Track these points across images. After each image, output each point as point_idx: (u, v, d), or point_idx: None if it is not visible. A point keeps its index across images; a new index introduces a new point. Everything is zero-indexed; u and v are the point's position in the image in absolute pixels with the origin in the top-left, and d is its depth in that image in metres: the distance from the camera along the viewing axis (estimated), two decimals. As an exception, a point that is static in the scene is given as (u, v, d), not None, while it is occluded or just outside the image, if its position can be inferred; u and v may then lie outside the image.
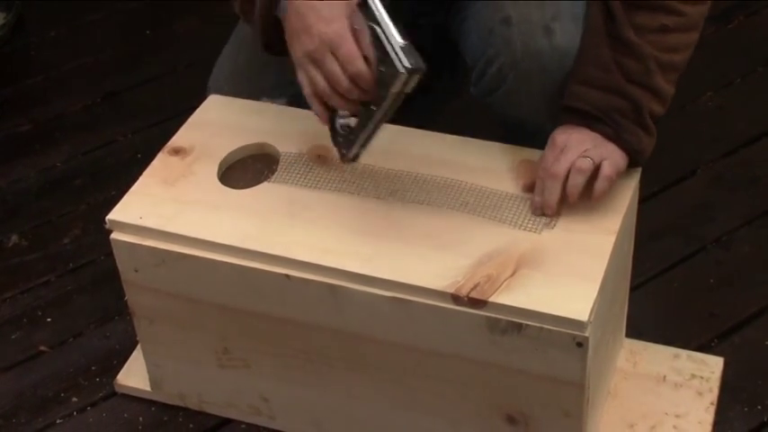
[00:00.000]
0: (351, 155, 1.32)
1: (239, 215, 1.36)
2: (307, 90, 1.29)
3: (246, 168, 1.45)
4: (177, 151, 1.45)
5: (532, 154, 1.39)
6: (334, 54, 1.23)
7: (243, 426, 1.52)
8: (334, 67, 1.24)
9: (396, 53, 1.18)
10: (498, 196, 1.34)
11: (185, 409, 1.54)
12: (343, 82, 1.24)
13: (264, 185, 1.40)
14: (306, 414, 1.46)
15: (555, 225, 1.31)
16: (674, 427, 1.45)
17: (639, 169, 1.38)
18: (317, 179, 1.39)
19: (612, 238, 1.29)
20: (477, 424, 1.35)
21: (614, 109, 1.31)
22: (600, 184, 1.30)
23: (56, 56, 2.30)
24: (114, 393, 1.59)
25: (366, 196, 1.37)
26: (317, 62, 1.25)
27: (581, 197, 1.30)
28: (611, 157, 1.31)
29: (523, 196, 1.34)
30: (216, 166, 1.43)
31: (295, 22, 1.26)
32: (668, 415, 1.46)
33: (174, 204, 1.38)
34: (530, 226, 1.31)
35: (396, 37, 1.18)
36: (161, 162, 1.44)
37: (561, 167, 1.30)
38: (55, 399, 1.59)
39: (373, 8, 1.20)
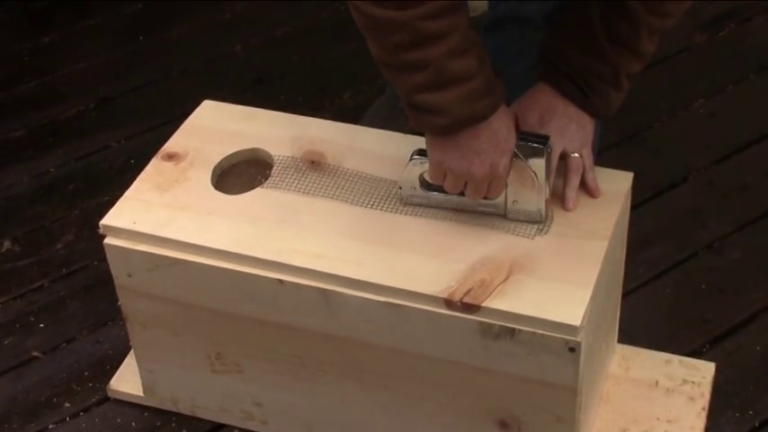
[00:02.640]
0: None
1: (233, 220, 1.36)
2: (438, 181, 1.29)
3: (240, 174, 1.45)
4: (171, 157, 1.46)
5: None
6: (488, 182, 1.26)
7: (236, 431, 1.52)
8: (484, 190, 1.27)
9: (537, 203, 1.30)
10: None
11: (178, 415, 1.54)
12: (478, 199, 1.29)
13: (258, 191, 1.40)
14: (298, 419, 1.46)
15: (548, 231, 1.31)
16: (666, 432, 1.45)
17: (632, 175, 1.38)
18: (311, 184, 1.40)
19: (605, 244, 1.29)
20: (470, 429, 1.35)
21: (592, 73, 1.32)
22: (591, 176, 1.34)
23: (49, 61, 2.30)
24: (107, 399, 1.59)
25: (359, 202, 1.37)
26: (472, 182, 1.26)
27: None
28: (587, 140, 1.34)
29: (516, 202, 1.35)
30: (209, 172, 1.43)
31: (470, 140, 1.22)
32: (660, 420, 1.46)
33: (168, 209, 1.38)
34: (523, 231, 1.31)
35: (545, 195, 1.29)
36: (155, 167, 1.45)
37: (553, 164, 1.31)
38: (48, 404, 1.59)
39: (545, 165, 1.28)
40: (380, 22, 1.15)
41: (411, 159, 1.32)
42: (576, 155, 1.33)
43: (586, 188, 1.35)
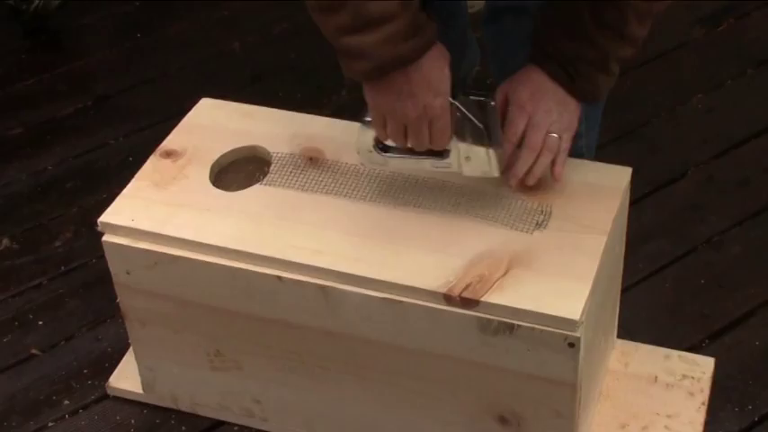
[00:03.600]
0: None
1: (231, 217, 1.36)
2: (380, 130, 1.29)
3: (238, 171, 1.45)
4: (169, 154, 1.46)
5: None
6: (428, 124, 1.25)
7: (235, 428, 1.52)
8: (424, 134, 1.26)
9: (489, 156, 1.29)
10: (490, 197, 1.35)
11: (177, 412, 1.54)
12: (424, 146, 1.28)
13: (256, 187, 1.40)
14: (298, 415, 1.46)
15: (546, 225, 1.31)
16: (666, 427, 1.45)
17: (630, 170, 1.38)
18: (309, 181, 1.40)
19: (604, 239, 1.29)
20: (469, 424, 1.35)
21: (580, 58, 1.32)
22: (560, 160, 1.33)
23: (47, 59, 2.30)
24: (106, 396, 1.59)
25: (358, 198, 1.37)
26: (410, 126, 1.26)
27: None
28: (570, 126, 1.34)
29: (515, 196, 1.34)
30: (208, 169, 1.43)
31: (402, 83, 1.22)
32: (660, 415, 1.46)
33: (166, 207, 1.38)
34: (521, 226, 1.31)
35: (497, 141, 1.29)
36: (153, 165, 1.44)
37: (538, 140, 1.32)
38: (47, 402, 1.59)
39: (491, 117, 1.27)
40: None
41: (362, 123, 1.31)
42: (555, 135, 1.33)
43: (552, 170, 1.34)
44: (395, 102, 1.23)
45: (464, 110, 1.26)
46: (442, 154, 1.30)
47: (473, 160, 1.29)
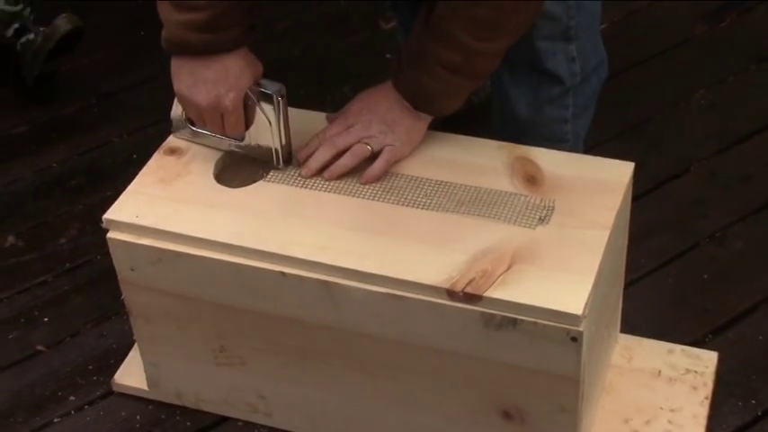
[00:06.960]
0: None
1: (235, 213, 1.36)
2: (183, 106, 1.41)
3: (242, 167, 1.45)
4: (173, 151, 1.46)
5: (527, 151, 1.40)
6: (221, 115, 1.36)
7: (240, 423, 1.52)
8: (218, 123, 1.38)
9: (273, 147, 1.40)
10: (492, 193, 1.35)
11: (182, 408, 1.55)
12: (220, 132, 1.40)
13: (260, 184, 1.41)
14: (302, 411, 1.47)
15: (549, 221, 1.31)
16: (669, 421, 1.45)
17: (632, 165, 1.38)
18: (312, 177, 1.40)
19: (606, 233, 1.29)
20: (473, 420, 1.35)
21: (405, 50, 1.36)
22: (374, 167, 1.37)
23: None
24: (111, 392, 1.59)
25: (360, 194, 1.37)
26: (204, 113, 1.36)
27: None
28: (392, 144, 1.37)
29: (517, 193, 1.35)
30: (211, 166, 1.43)
31: (200, 70, 1.34)
32: (663, 409, 1.47)
33: (171, 203, 1.38)
34: (524, 222, 1.31)
35: (280, 139, 1.39)
36: (157, 162, 1.45)
37: (341, 142, 1.37)
38: (52, 398, 1.60)
39: (276, 109, 1.37)
40: None
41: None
42: (368, 147, 1.36)
43: (364, 172, 1.37)
44: (190, 86, 1.35)
45: (253, 97, 1.36)
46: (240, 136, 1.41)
47: (262, 148, 1.40)
